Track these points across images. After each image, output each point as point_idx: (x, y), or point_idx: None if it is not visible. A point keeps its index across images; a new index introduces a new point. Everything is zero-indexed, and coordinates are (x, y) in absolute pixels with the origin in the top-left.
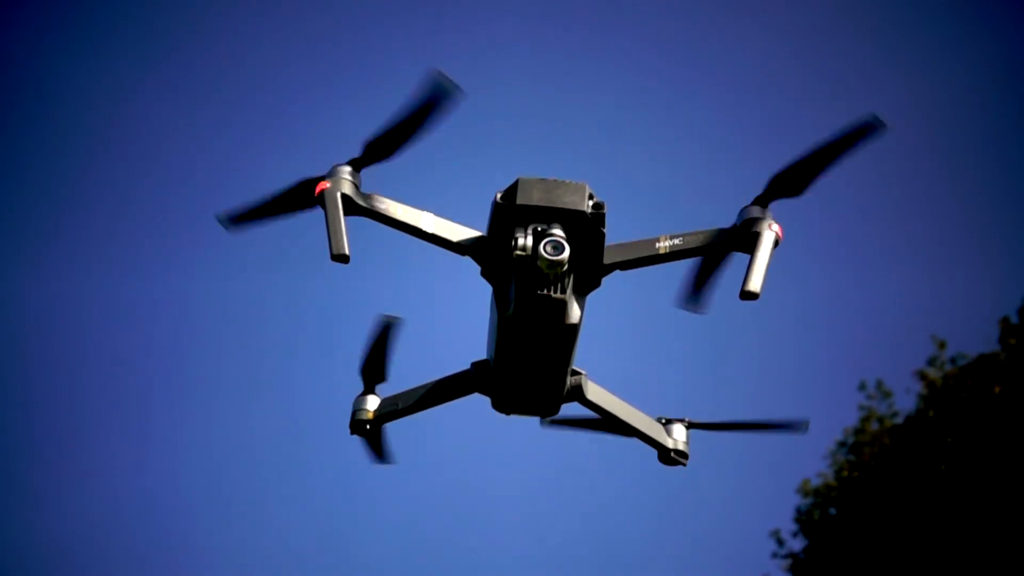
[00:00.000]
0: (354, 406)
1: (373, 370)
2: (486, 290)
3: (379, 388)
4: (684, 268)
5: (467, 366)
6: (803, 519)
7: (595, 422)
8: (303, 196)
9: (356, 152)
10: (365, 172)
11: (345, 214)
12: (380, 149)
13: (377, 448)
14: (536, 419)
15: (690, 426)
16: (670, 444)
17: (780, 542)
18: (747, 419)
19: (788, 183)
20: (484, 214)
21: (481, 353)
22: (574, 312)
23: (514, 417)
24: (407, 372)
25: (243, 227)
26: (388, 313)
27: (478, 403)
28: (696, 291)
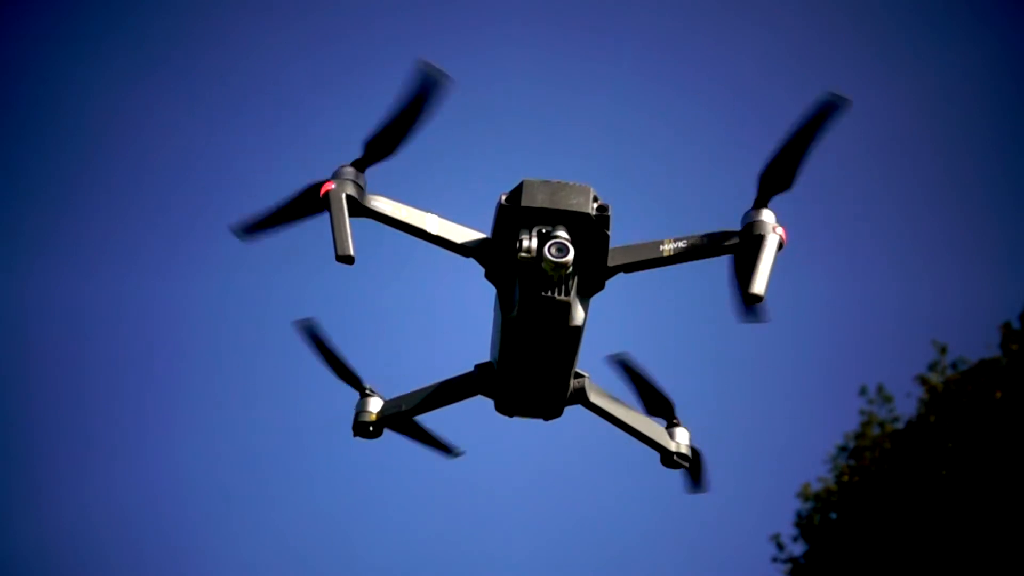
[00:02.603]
0: (357, 408)
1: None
2: (490, 292)
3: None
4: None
5: (471, 368)
6: (803, 523)
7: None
8: (312, 201)
9: (359, 152)
10: (370, 173)
11: (350, 215)
12: (380, 147)
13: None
14: (538, 421)
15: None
16: (672, 447)
17: (780, 546)
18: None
19: (776, 178)
20: (488, 216)
21: (485, 355)
22: (578, 314)
23: (516, 419)
24: (411, 373)
25: (256, 236)
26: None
27: (480, 405)
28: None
